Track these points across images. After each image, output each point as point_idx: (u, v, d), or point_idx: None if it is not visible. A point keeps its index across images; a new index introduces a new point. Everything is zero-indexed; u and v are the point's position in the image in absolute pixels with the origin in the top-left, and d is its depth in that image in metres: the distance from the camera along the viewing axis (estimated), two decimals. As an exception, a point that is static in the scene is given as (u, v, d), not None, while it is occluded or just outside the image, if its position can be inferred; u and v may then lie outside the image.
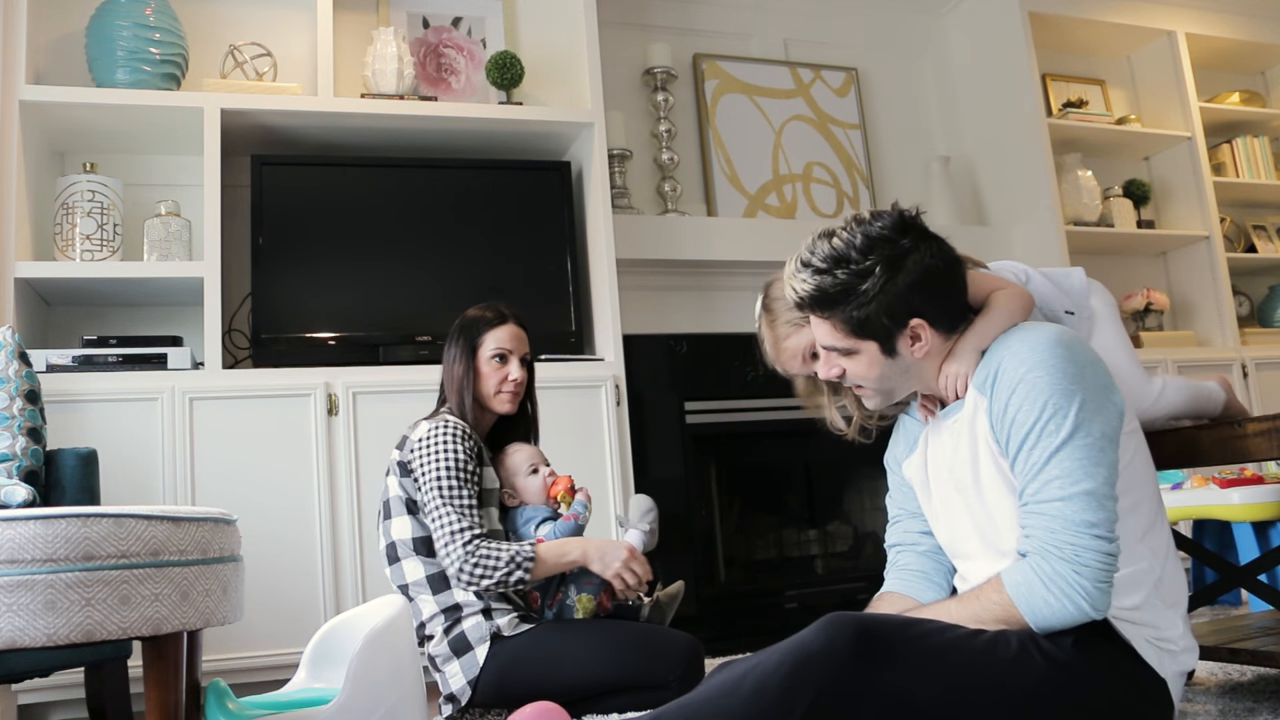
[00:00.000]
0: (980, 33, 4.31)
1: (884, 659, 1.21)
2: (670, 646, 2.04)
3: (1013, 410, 1.35)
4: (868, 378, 1.48)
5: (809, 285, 1.43)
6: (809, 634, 1.22)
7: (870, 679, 1.19)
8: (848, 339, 1.45)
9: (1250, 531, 2.89)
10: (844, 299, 1.42)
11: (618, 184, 3.67)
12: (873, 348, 1.45)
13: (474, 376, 2.19)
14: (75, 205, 2.89)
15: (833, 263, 1.42)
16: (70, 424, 2.60)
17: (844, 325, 1.44)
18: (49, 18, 3.09)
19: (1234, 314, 4.25)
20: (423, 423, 2.18)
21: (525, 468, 2.23)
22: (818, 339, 1.50)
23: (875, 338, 1.44)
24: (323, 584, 2.76)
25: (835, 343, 1.46)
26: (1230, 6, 4.56)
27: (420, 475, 2.08)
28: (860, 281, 1.40)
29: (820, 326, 1.47)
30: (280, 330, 2.99)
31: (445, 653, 2.05)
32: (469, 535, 2.00)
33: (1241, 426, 1.78)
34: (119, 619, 1.53)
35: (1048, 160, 4.03)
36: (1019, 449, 1.34)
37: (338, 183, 3.15)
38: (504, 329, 2.23)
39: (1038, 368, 1.34)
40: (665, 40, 3.95)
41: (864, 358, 1.46)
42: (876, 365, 1.46)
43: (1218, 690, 2.04)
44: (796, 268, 1.46)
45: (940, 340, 1.46)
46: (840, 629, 1.21)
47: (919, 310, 1.43)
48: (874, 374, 1.47)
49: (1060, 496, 1.29)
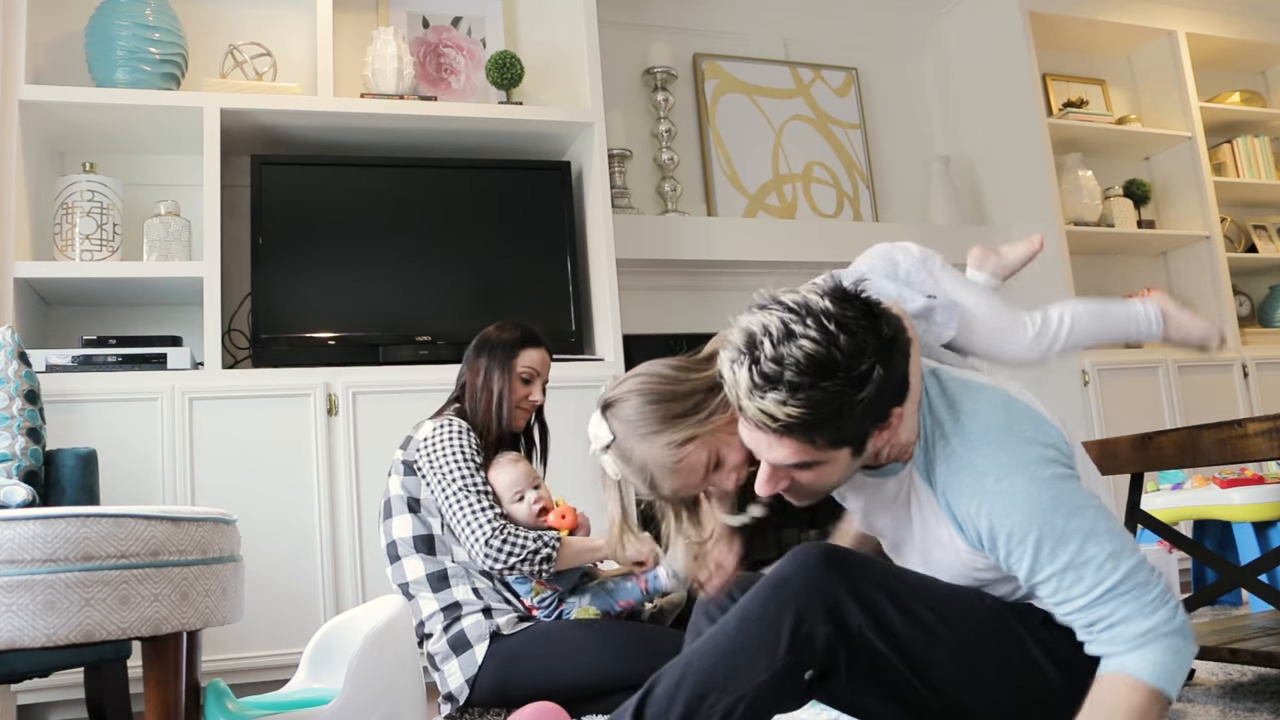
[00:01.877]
0: (980, 33, 4.31)
1: (854, 573, 1.26)
2: (669, 646, 2.02)
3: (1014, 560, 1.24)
4: (825, 484, 1.27)
5: (797, 408, 1.14)
6: (782, 562, 1.27)
7: (845, 590, 1.23)
8: (821, 452, 1.20)
9: (1250, 531, 2.89)
10: (837, 415, 1.17)
11: (618, 184, 3.67)
12: (845, 455, 1.23)
13: (509, 388, 2.23)
14: (75, 205, 2.89)
15: (815, 373, 1.14)
16: (70, 424, 2.60)
17: (824, 440, 1.19)
18: (49, 18, 3.09)
19: (1234, 314, 4.25)
20: (427, 422, 2.20)
21: (509, 494, 2.12)
22: (773, 459, 1.22)
23: (852, 443, 1.22)
24: (323, 584, 2.76)
25: (802, 458, 1.20)
26: (1230, 6, 4.56)
27: (432, 470, 2.10)
28: (857, 391, 1.16)
29: (785, 447, 1.19)
30: (280, 330, 2.99)
31: (444, 651, 2.05)
32: (494, 514, 2.05)
33: (1242, 426, 1.78)
34: (119, 619, 1.53)
35: (1048, 160, 4.03)
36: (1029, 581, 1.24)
37: (338, 183, 3.15)
38: (538, 352, 2.30)
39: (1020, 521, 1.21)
40: (665, 40, 3.95)
41: (831, 467, 1.23)
42: (840, 470, 1.25)
43: (1218, 690, 2.03)
44: (756, 384, 1.15)
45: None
46: (808, 550, 1.27)
47: (897, 401, 1.23)
48: (834, 479, 1.26)
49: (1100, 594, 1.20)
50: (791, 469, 1.23)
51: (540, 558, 2.03)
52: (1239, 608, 3.21)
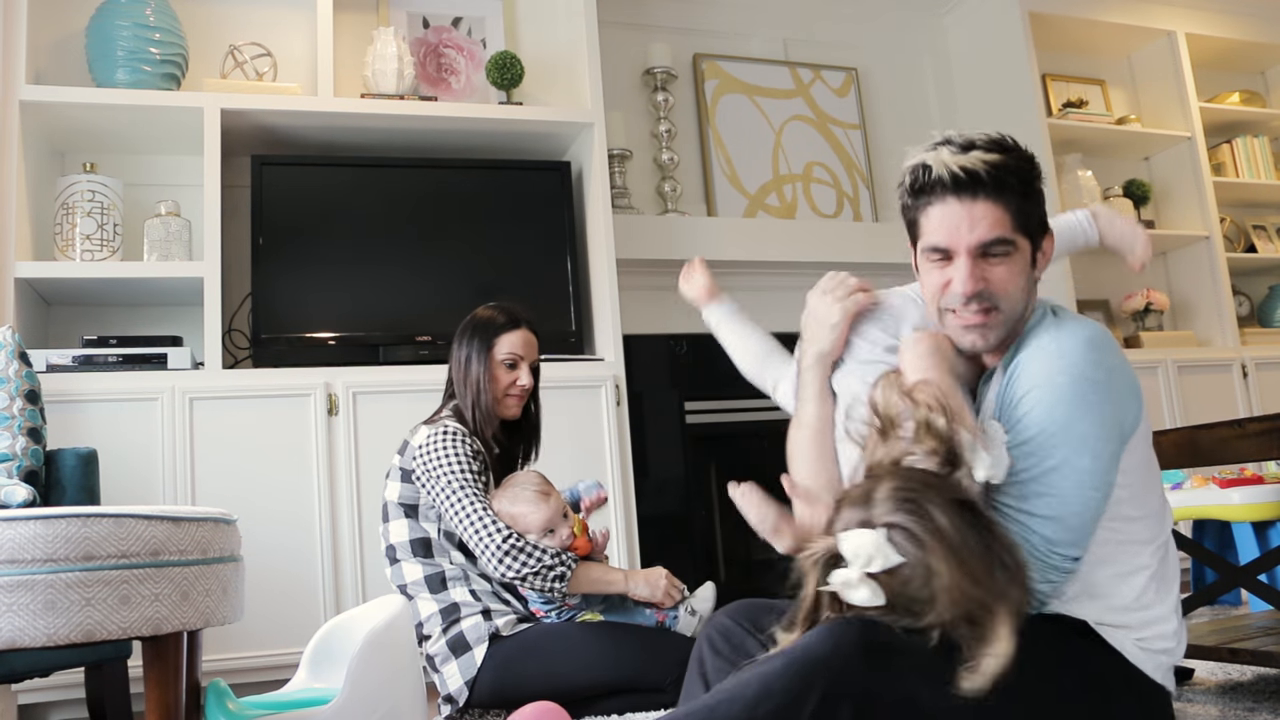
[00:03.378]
0: (980, 33, 4.31)
1: (890, 662, 1.19)
2: (668, 649, 2.04)
3: (1021, 412, 1.29)
4: (1009, 290, 1.33)
5: (990, 160, 1.30)
6: (814, 637, 1.19)
7: (876, 682, 1.17)
8: (1014, 231, 1.32)
9: (1250, 531, 2.89)
10: (1022, 183, 1.32)
11: (618, 184, 3.67)
12: (1026, 250, 1.35)
13: (489, 378, 2.19)
14: (75, 205, 2.89)
15: (999, 148, 1.32)
16: (70, 424, 2.60)
17: (1014, 214, 1.32)
18: (49, 18, 3.09)
19: (1234, 314, 4.25)
20: (422, 428, 2.17)
21: (538, 529, 2.07)
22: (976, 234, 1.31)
23: (1031, 237, 1.35)
24: (323, 584, 2.76)
25: (1003, 233, 1.31)
26: (1230, 6, 4.56)
27: (430, 480, 2.08)
28: (1031, 169, 1.34)
29: (990, 214, 1.30)
30: (280, 330, 2.99)
31: (444, 653, 2.05)
32: (501, 526, 2.02)
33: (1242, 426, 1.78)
34: (119, 619, 1.53)
35: (1048, 160, 4.03)
36: (1018, 449, 1.29)
37: (338, 183, 3.15)
38: (518, 334, 2.23)
39: (1059, 376, 1.28)
40: (665, 40, 3.95)
41: (1016, 261, 1.33)
42: (1020, 274, 1.34)
43: (1218, 690, 2.04)
44: (955, 151, 1.32)
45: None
46: (846, 632, 1.19)
47: (1048, 225, 1.39)
48: (1016, 285, 1.34)
49: (1033, 512, 1.25)
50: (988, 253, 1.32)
51: (554, 575, 2.02)
52: (1238, 607, 3.21)
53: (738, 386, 3.96)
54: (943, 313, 1.38)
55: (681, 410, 3.58)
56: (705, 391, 3.62)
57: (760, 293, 3.84)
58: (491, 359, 2.20)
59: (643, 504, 3.21)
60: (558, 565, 2.02)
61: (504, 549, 2.00)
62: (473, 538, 2.03)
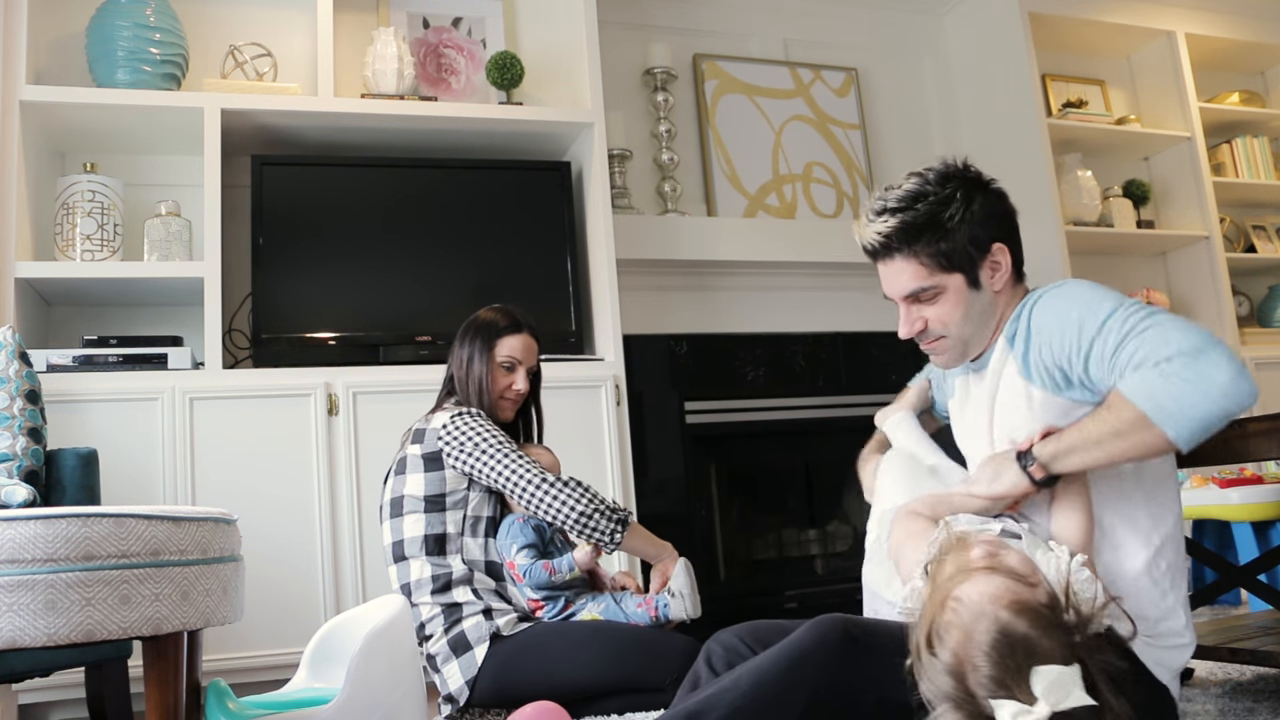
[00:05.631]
0: (980, 33, 4.31)
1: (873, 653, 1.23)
2: (668, 648, 2.04)
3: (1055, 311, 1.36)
4: (951, 321, 1.46)
5: (892, 223, 1.43)
6: (802, 633, 1.25)
7: (862, 673, 1.22)
8: (934, 275, 1.44)
9: (1250, 531, 2.90)
10: (930, 228, 1.42)
11: (618, 184, 3.67)
12: (959, 281, 1.45)
13: (490, 378, 2.21)
14: (75, 205, 2.89)
15: (910, 200, 1.44)
16: (70, 424, 2.60)
17: (930, 259, 1.43)
18: (49, 18, 3.09)
19: (1234, 314, 4.25)
20: (435, 415, 2.18)
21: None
22: (899, 288, 1.47)
23: (961, 269, 1.44)
24: (323, 584, 2.76)
25: (921, 283, 1.44)
26: (1230, 6, 4.56)
27: (465, 454, 2.09)
28: (944, 209, 1.43)
29: (904, 269, 1.45)
30: (280, 330, 2.99)
31: (445, 652, 2.05)
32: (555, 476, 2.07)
33: (1242, 427, 1.78)
34: (119, 619, 1.53)
35: (1047, 160, 4.03)
36: (1089, 351, 1.31)
37: (338, 183, 3.15)
38: (518, 339, 2.26)
39: (1065, 286, 1.38)
40: (665, 40, 3.95)
41: (950, 296, 1.45)
42: (961, 303, 1.45)
43: (1218, 690, 2.04)
44: (869, 219, 1.46)
45: (1012, 276, 1.48)
46: (831, 626, 1.25)
47: (996, 235, 1.45)
48: (958, 315, 1.45)
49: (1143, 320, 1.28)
50: (915, 300, 1.46)
51: (617, 518, 2.06)
52: (1238, 607, 3.22)
53: (738, 386, 3.98)
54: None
55: (681, 410, 3.58)
56: (705, 391, 3.63)
57: (760, 293, 3.85)
58: (492, 360, 2.21)
59: (643, 504, 3.21)
60: (620, 510, 2.07)
61: (575, 487, 2.04)
62: (531, 486, 2.04)
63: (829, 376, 3.81)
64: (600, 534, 2.05)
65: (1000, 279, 1.46)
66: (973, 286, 1.45)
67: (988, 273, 1.45)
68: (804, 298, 3.84)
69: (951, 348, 1.49)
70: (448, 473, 2.13)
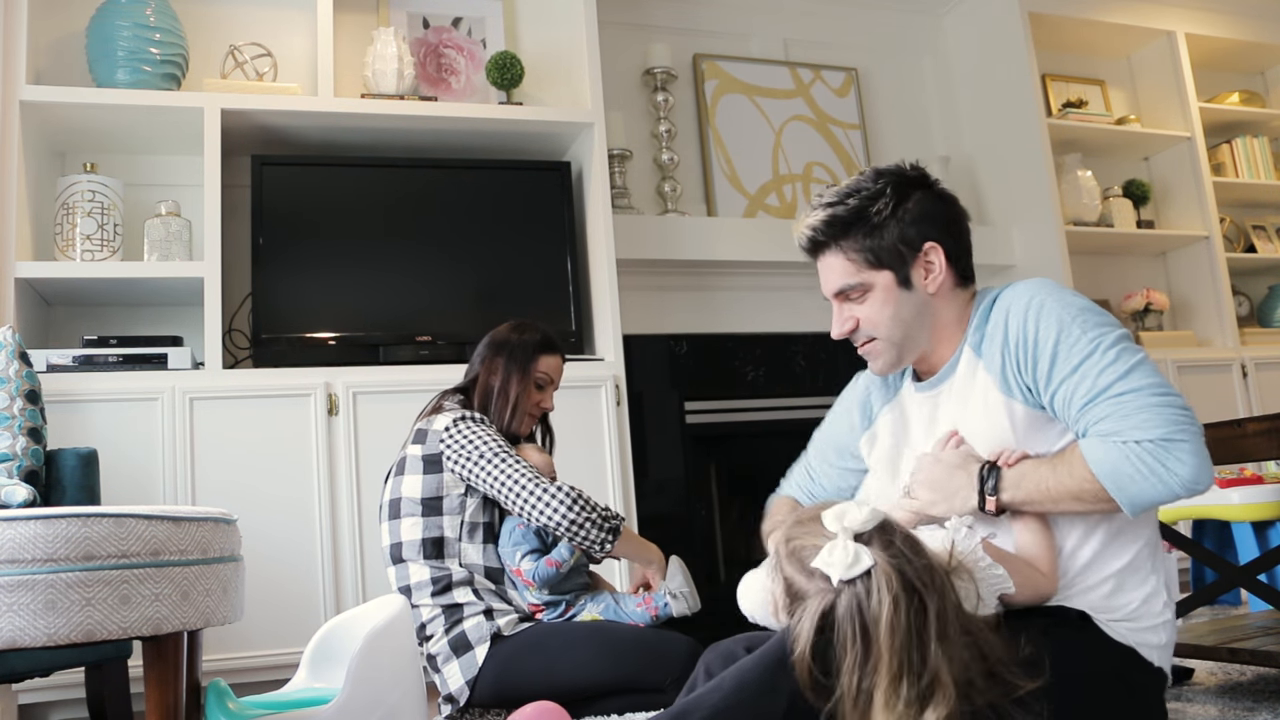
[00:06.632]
0: (980, 33, 4.31)
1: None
2: (668, 649, 2.04)
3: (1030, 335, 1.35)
4: (880, 321, 1.45)
5: (820, 217, 1.44)
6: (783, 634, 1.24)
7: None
8: (861, 271, 1.44)
9: (1250, 531, 2.89)
10: (857, 222, 1.42)
11: (618, 184, 3.67)
12: (887, 279, 1.43)
13: (525, 396, 2.23)
14: (75, 205, 2.89)
15: (842, 196, 1.44)
16: (70, 424, 2.60)
17: (857, 254, 1.43)
18: (49, 18, 3.09)
19: (1234, 314, 4.25)
20: (438, 417, 2.18)
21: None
22: (830, 285, 1.47)
23: (890, 266, 1.43)
24: (323, 584, 2.76)
25: (849, 279, 1.44)
26: (1230, 6, 4.56)
27: (465, 459, 2.09)
28: (872, 204, 1.42)
29: (834, 264, 1.45)
30: (280, 330, 2.99)
31: (445, 652, 2.05)
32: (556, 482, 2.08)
33: (1242, 426, 1.78)
34: (119, 619, 1.53)
35: (1047, 160, 4.03)
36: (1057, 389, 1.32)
37: (338, 183, 3.15)
38: (556, 359, 2.29)
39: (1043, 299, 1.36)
40: (665, 40, 3.95)
41: (878, 295, 1.44)
42: (891, 302, 1.44)
43: (1218, 690, 2.04)
44: (805, 214, 1.47)
45: (952, 279, 1.46)
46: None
47: (929, 235, 1.43)
48: (887, 314, 1.44)
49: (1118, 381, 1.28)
50: (846, 298, 1.45)
51: (609, 527, 2.07)
52: (1238, 607, 3.21)
53: (738, 386, 3.98)
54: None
55: (681, 410, 3.58)
56: (705, 391, 3.63)
57: (760, 293, 3.85)
58: (531, 376, 2.24)
59: (643, 504, 3.21)
60: (612, 519, 2.08)
61: (568, 495, 2.04)
62: (524, 492, 2.05)
63: (829, 376, 3.81)
64: (591, 542, 2.06)
65: (935, 280, 1.44)
66: (903, 286, 1.44)
67: (920, 273, 1.44)
68: (804, 298, 3.84)
69: (884, 351, 1.47)
70: (446, 476, 2.13)
